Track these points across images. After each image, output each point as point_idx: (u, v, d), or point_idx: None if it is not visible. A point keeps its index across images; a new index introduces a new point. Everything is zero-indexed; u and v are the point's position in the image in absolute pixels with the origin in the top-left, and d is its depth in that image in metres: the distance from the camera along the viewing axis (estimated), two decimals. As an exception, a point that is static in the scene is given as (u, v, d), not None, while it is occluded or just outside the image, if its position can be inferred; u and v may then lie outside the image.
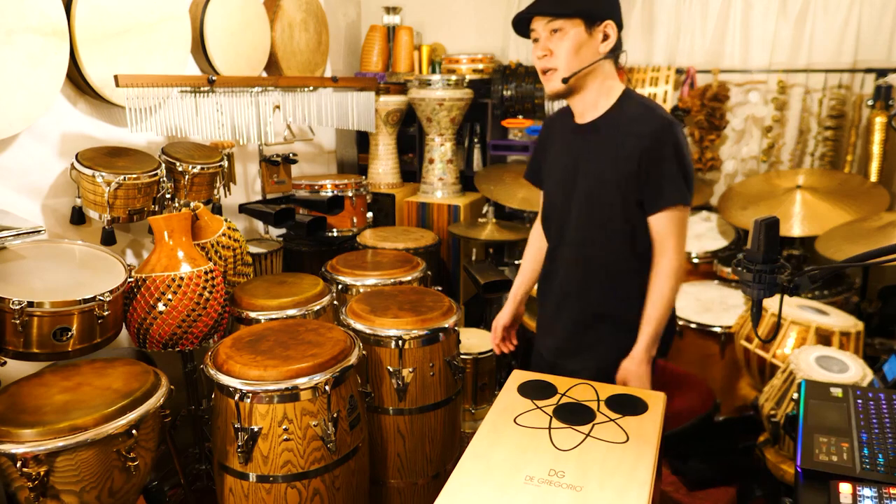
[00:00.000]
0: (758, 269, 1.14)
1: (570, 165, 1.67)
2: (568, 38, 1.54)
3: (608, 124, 1.61)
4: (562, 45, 1.54)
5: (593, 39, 1.55)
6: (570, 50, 1.54)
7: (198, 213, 2.26)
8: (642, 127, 1.54)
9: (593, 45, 1.55)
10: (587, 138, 1.64)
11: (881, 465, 1.13)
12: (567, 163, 1.68)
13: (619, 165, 1.56)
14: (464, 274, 3.37)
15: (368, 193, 3.26)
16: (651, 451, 1.23)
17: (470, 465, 1.20)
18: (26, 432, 1.40)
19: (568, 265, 1.72)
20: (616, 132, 1.58)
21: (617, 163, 1.56)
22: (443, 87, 3.28)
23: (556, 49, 1.55)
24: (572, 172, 1.66)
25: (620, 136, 1.57)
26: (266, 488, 1.71)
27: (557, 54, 1.55)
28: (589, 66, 1.57)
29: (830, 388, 1.40)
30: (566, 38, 1.54)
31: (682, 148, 1.55)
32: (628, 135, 1.55)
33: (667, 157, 1.53)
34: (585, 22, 1.53)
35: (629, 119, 1.57)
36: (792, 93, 3.13)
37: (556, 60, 1.56)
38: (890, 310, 2.78)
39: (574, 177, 1.66)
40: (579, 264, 1.69)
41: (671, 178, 1.54)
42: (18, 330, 1.64)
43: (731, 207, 3.00)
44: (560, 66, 1.56)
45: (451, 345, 2.14)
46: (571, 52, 1.54)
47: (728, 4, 3.19)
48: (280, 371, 1.68)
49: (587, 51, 1.55)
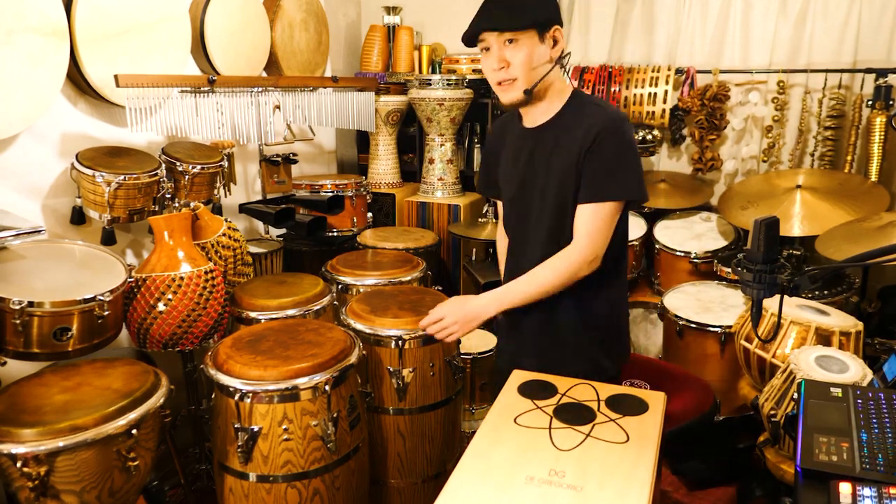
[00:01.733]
0: (758, 269, 1.14)
1: (523, 169, 1.67)
2: (524, 48, 1.52)
3: (559, 125, 1.61)
4: (518, 55, 1.53)
5: (545, 46, 1.55)
6: (526, 60, 1.53)
7: (198, 213, 2.26)
8: (590, 122, 1.54)
9: (546, 52, 1.55)
10: (538, 141, 1.63)
11: (881, 464, 1.13)
12: (521, 167, 1.68)
13: (569, 163, 1.56)
14: (464, 274, 3.37)
15: (368, 193, 3.26)
16: (651, 451, 1.23)
17: (470, 465, 1.20)
18: (26, 432, 1.40)
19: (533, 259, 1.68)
20: (566, 131, 1.59)
21: (567, 161, 1.57)
22: (443, 87, 3.28)
23: (512, 60, 1.53)
24: (526, 176, 1.66)
25: (570, 134, 1.57)
26: (266, 488, 1.71)
27: (514, 65, 1.54)
28: (546, 74, 1.57)
29: (830, 388, 1.40)
30: (521, 49, 1.52)
31: (626, 143, 1.53)
32: (577, 132, 1.55)
33: (607, 149, 1.52)
34: (538, 30, 1.52)
35: (580, 116, 1.58)
36: (792, 93, 3.13)
37: (514, 71, 1.54)
38: (890, 310, 2.78)
39: (528, 179, 1.65)
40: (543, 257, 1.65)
41: (606, 171, 1.52)
42: (18, 330, 1.64)
43: (731, 207, 3.00)
44: (519, 77, 1.55)
45: (450, 345, 2.14)
46: (528, 63, 1.53)
47: (728, 4, 3.19)
48: (280, 371, 1.68)
49: (541, 58, 1.55)
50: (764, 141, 3.20)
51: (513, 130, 1.73)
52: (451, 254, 3.40)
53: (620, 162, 1.53)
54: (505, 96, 1.59)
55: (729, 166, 3.30)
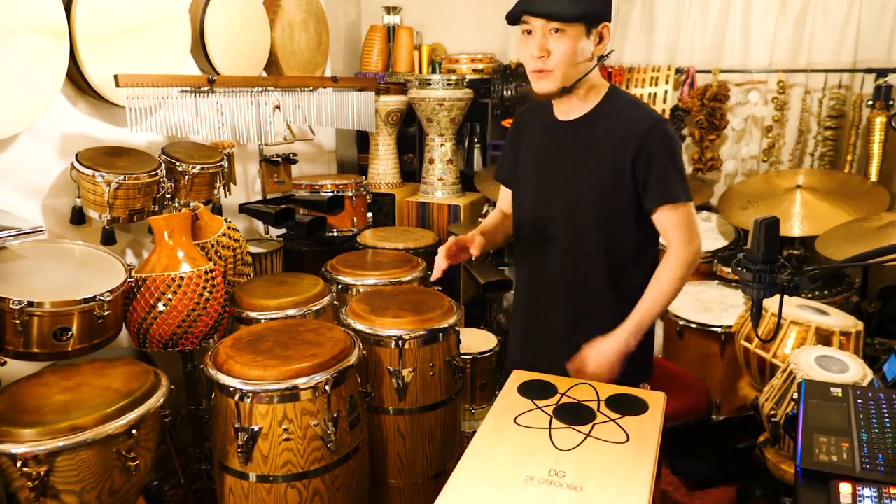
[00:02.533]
0: (758, 269, 1.14)
1: (553, 162, 1.62)
2: (569, 41, 1.45)
3: (597, 121, 1.56)
4: (561, 47, 1.45)
5: (590, 42, 1.48)
6: (570, 53, 1.46)
7: (198, 213, 2.26)
8: (636, 124, 1.51)
9: (589, 48, 1.49)
10: (574, 135, 1.59)
11: (881, 464, 1.13)
12: (549, 159, 1.62)
13: (612, 161, 1.52)
14: (464, 274, 3.37)
15: (368, 193, 3.25)
16: (651, 451, 1.23)
17: (470, 465, 1.20)
18: (26, 432, 1.40)
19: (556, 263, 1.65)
20: (606, 129, 1.54)
21: (609, 158, 1.53)
22: (443, 87, 3.28)
23: (554, 50, 1.46)
24: (556, 169, 1.61)
25: (611, 132, 1.53)
26: (266, 488, 1.71)
27: (555, 57, 1.46)
28: (587, 72, 1.52)
29: (830, 388, 1.40)
30: (566, 41, 1.45)
31: (677, 145, 1.54)
32: (620, 131, 1.52)
33: (664, 153, 1.50)
34: (587, 24, 1.46)
35: (620, 116, 1.54)
36: (792, 93, 3.13)
37: (553, 62, 1.47)
38: (890, 310, 2.78)
39: (559, 173, 1.60)
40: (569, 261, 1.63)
41: (671, 174, 1.51)
42: (18, 330, 1.64)
43: (731, 207, 3.00)
44: (557, 69, 1.48)
45: (451, 345, 2.14)
46: (571, 56, 1.46)
47: (728, 4, 3.19)
48: (280, 371, 1.68)
49: (584, 54, 1.48)
50: (764, 141, 3.21)
51: (542, 120, 1.66)
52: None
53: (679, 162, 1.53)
54: (539, 86, 1.52)
55: (729, 166, 3.30)
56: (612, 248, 1.60)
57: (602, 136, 1.54)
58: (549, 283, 1.68)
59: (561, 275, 1.65)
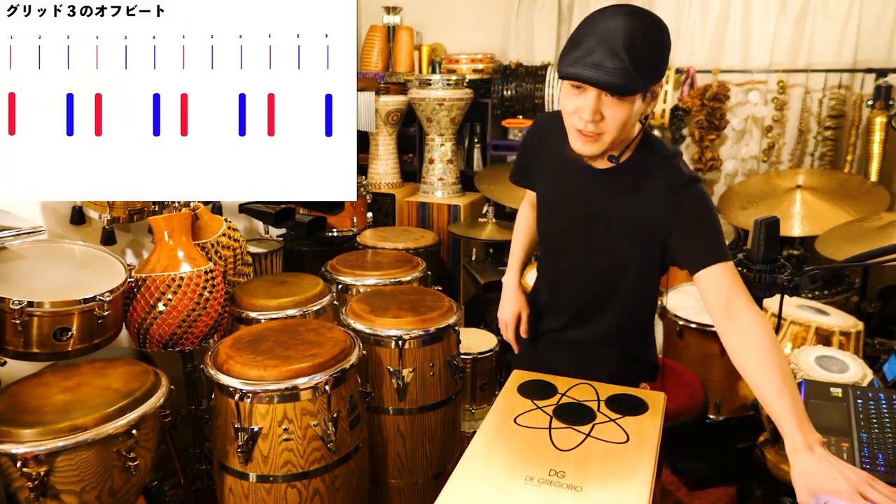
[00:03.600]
0: (758, 269, 1.14)
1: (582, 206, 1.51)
2: (627, 108, 1.28)
3: (629, 174, 1.43)
4: (618, 115, 1.28)
5: (645, 103, 1.33)
6: (626, 121, 1.30)
7: (198, 213, 2.26)
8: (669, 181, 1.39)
9: (642, 108, 1.33)
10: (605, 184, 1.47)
11: (881, 464, 1.13)
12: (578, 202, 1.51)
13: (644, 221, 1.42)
14: (464, 274, 3.37)
15: (368, 193, 3.25)
16: (651, 451, 1.23)
17: (470, 465, 1.20)
18: (26, 432, 1.40)
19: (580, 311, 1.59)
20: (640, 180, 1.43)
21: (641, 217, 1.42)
22: (443, 87, 3.28)
23: (609, 116, 1.29)
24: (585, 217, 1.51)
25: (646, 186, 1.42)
26: (266, 488, 1.71)
27: (610, 123, 1.29)
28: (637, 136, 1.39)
29: (830, 388, 1.40)
30: (625, 108, 1.28)
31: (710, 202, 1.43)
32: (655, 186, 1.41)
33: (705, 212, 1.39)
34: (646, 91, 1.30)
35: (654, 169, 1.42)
36: (792, 93, 3.13)
37: (606, 127, 1.30)
38: (890, 310, 2.78)
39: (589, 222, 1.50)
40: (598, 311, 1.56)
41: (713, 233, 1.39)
42: (18, 330, 1.64)
43: (731, 207, 3.00)
44: (608, 133, 1.31)
45: (451, 345, 2.14)
46: (626, 123, 1.30)
47: (728, 4, 3.19)
48: (280, 371, 1.68)
49: (637, 115, 1.33)
50: (764, 141, 3.21)
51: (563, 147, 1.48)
52: (451, 254, 3.40)
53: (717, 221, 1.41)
54: (583, 148, 1.36)
55: (729, 166, 3.30)
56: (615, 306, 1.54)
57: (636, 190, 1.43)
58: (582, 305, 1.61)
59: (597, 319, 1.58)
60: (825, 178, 2.93)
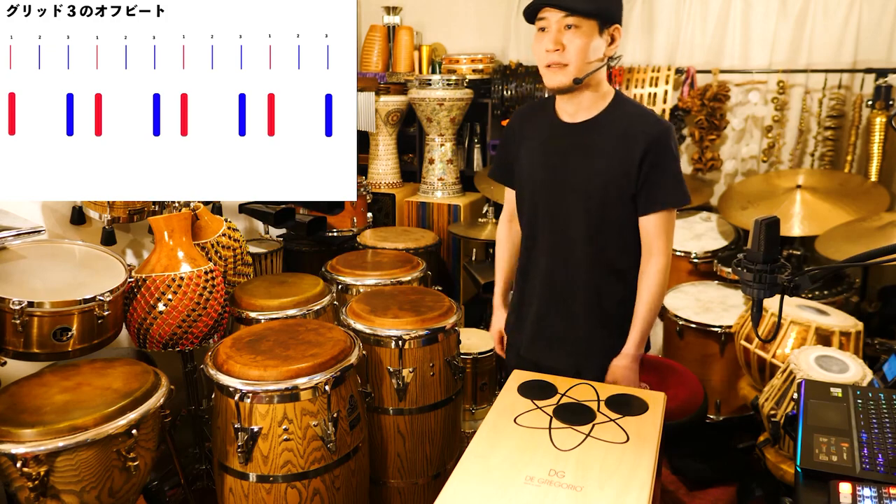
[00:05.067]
0: (758, 269, 1.14)
1: (559, 164, 1.64)
2: (583, 36, 1.49)
3: (605, 125, 1.59)
4: (576, 42, 1.49)
5: (602, 41, 1.53)
6: (583, 48, 1.50)
7: (198, 213, 2.26)
8: (643, 128, 1.55)
9: (601, 47, 1.53)
10: (580, 138, 1.61)
11: (881, 465, 1.13)
12: (556, 161, 1.65)
13: (620, 164, 1.56)
14: (464, 274, 3.37)
15: (368, 193, 3.25)
16: (651, 451, 1.23)
17: (470, 465, 1.20)
18: (26, 432, 1.40)
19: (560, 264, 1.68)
20: (614, 132, 1.57)
21: (617, 162, 1.56)
22: (443, 87, 3.28)
23: (569, 45, 1.50)
24: (563, 171, 1.63)
25: (620, 136, 1.56)
26: (266, 488, 1.71)
27: (570, 51, 1.50)
28: (598, 68, 1.55)
29: (830, 388, 1.40)
30: (580, 36, 1.49)
31: (677, 152, 1.59)
32: (629, 135, 1.55)
33: (667, 159, 1.55)
34: (600, 22, 1.51)
35: (628, 121, 1.57)
36: (792, 93, 3.13)
37: (567, 56, 1.51)
38: (890, 310, 2.78)
39: (566, 175, 1.63)
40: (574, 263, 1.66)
41: (671, 180, 1.56)
42: (18, 330, 1.64)
43: (731, 207, 3.00)
44: (571, 63, 1.51)
45: (451, 345, 2.14)
46: (584, 51, 1.50)
47: (728, 4, 3.19)
48: (280, 371, 1.68)
49: (596, 52, 1.52)
50: (764, 141, 3.20)
51: (544, 122, 1.69)
52: (451, 254, 3.40)
53: (676, 170, 1.58)
54: (552, 79, 1.55)
55: (729, 166, 3.30)
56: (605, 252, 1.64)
57: (610, 138, 1.57)
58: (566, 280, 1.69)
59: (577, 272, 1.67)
60: (825, 178, 2.93)
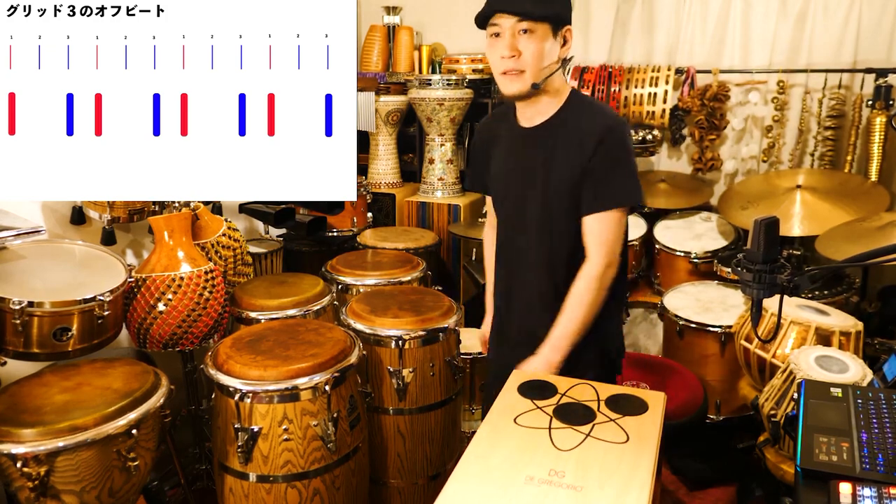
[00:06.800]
0: (758, 269, 1.14)
1: (519, 170, 1.64)
2: (537, 40, 1.48)
3: (557, 126, 1.59)
4: (530, 46, 1.49)
5: (556, 43, 1.52)
6: (539, 53, 1.49)
7: (198, 213, 2.26)
8: (589, 128, 1.53)
9: (556, 50, 1.53)
10: (535, 141, 1.61)
11: (881, 464, 1.13)
12: (516, 168, 1.65)
13: (570, 166, 1.55)
14: (464, 274, 3.37)
15: (368, 193, 3.25)
16: (651, 451, 1.23)
17: (470, 465, 1.20)
18: (26, 432, 1.40)
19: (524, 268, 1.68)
20: (565, 134, 1.57)
21: (567, 164, 1.55)
22: (443, 87, 3.28)
23: (524, 50, 1.49)
24: (523, 177, 1.64)
25: (569, 137, 1.56)
26: (266, 488, 1.71)
27: (525, 56, 1.49)
28: (554, 71, 1.54)
29: (830, 388, 1.40)
30: (535, 40, 1.48)
31: (627, 149, 1.55)
32: (577, 135, 1.54)
33: (609, 157, 1.52)
34: (553, 25, 1.50)
35: (578, 120, 1.56)
36: (792, 93, 3.13)
37: (524, 62, 1.50)
38: (890, 310, 2.78)
39: (526, 181, 1.63)
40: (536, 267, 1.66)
41: (617, 178, 1.54)
42: (18, 330, 1.64)
43: (731, 207, 3.00)
44: (527, 69, 1.50)
45: (451, 345, 2.14)
46: (540, 56, 1.50)
47: (728, 4, 3.19)
48: (280, 371, 1.68)
49: (551, 55, 1.52)
50: (764, 141, 3.20)
51: (506, 128, 1.69)
52: (451, 254, 3.40)
53: (622, 168, 1.54)
54: (510, 87, 1.54)
55: (729, 166, 3.30)
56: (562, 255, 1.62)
57: (564, 140, 1.56)
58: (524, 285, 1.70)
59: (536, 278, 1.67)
60: (825, 178, 2.93)
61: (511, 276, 1.74)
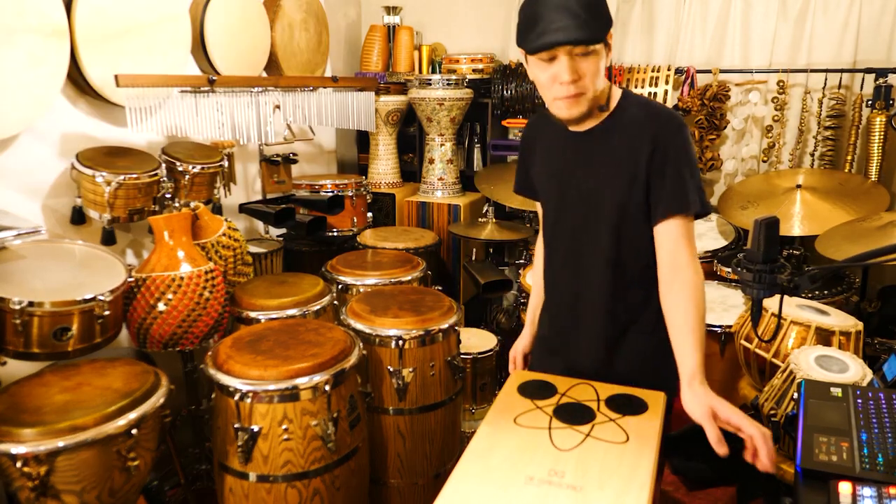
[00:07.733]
0: (758, 269, 1.14)
1: (570, 176, 1.55)
2: (597, 59, 1.36)
3: (610, 130, 1.49)
4: (591, 67, 1.35)
5: (608, 54, 1.40)
6: (598, 72, 1.37)
7: (198, 213, 2.26)
8: (649, 123, 1.44)
9: (607, 58, 1.41)
10: (589, 145, 1.51)
11: (881, 464, 1.13)
12: (565, 173, 1.55)
13: (629, 168, 1.45)
14: (464, 274, 3.37)
15: (368, 193, 3.26)
16: (651, 451, 1.23)
17: (470, 465, 1.20)
18: (26, 432, 1.40)
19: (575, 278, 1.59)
20: (621, 135, 1.47)
21: (626, 166, 1.46)
22: (443, 87, 3.28)
23: (586, 72, 1.36)
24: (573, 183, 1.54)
25: (626, 137, 1.46)
26: (266, 488, 1.71)
27: (587, 78, 1.36)
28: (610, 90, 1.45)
29: (830, 388, 1.40)
30: (595, 60, 1.35)
31: (691, 150, 1.45)
32: (634, 134, 1.45)
33: (679, 159, 1.43)
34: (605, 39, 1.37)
35: (634, 119, 1.47)
36: (792, 93, 3.13)
37: (585, 84, 1.37)
38: (890, 310, 2.78)
39: (577, 187, 1.54)
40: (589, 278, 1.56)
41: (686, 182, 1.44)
42: (18, 330, 1.64)
43: (731, 207, 3.00)
44: (588, 91, 1.38)
45: (451, 345, 2.14)
46: (600, 74, 1.37)
47: (728, 4, 3.19)
48: (280, 371, 1.68)
49: (605, 66, 1.40)
50: (764, 141, 3.21)
51: (554, 131, 1.57)
52: (451, 254, 3.40)
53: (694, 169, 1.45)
54: (572, 111, 1.41)
55: (729, 166, 3.30)
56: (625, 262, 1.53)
57: (618, 143, 1.47)
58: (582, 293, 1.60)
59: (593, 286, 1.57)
60: (825, 178, 2.93)
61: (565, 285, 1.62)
